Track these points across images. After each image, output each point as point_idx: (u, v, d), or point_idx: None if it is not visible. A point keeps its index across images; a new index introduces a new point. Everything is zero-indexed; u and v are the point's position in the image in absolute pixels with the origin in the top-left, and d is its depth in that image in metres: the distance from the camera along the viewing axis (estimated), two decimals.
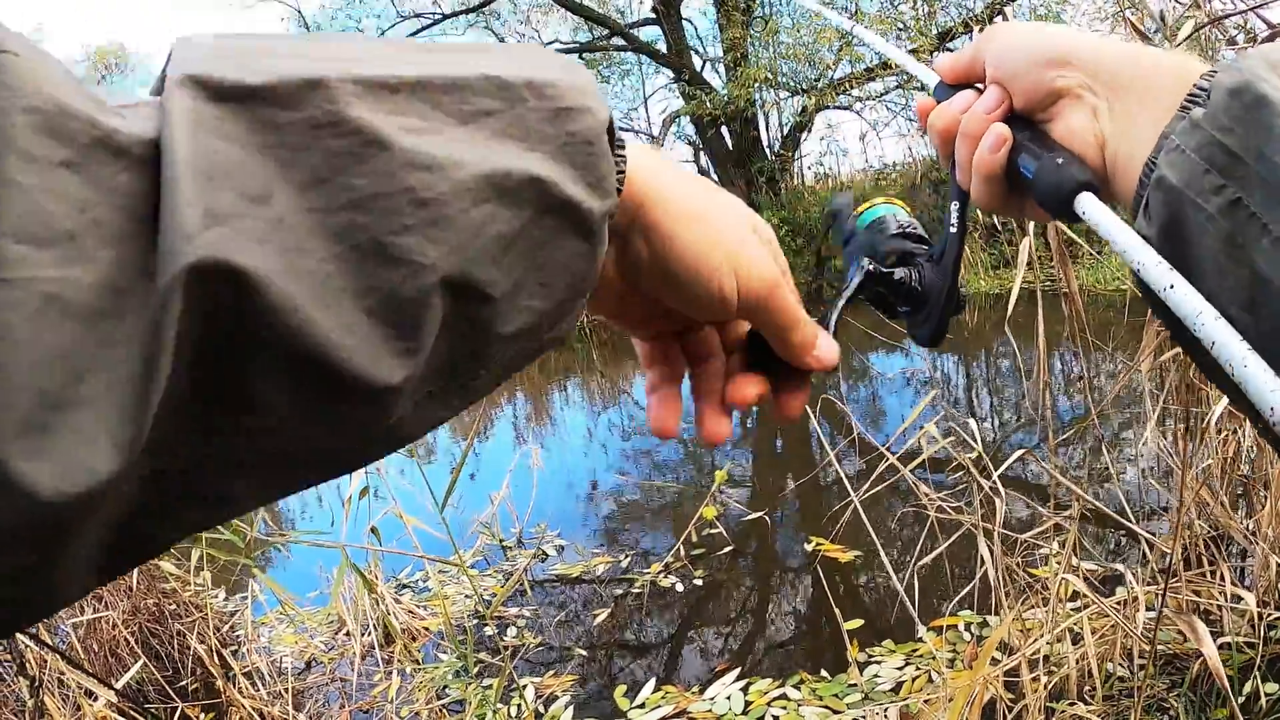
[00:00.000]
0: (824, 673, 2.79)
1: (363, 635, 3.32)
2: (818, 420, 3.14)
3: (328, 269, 0.29)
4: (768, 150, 13.46)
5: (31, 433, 0.23)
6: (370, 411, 0.31)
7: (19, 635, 2.23)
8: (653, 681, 2.89)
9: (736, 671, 2.88)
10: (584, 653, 3.20)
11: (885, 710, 2.45)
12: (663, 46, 13.62)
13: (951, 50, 0.63)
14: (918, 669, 2.70)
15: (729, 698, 2.75)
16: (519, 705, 2.83)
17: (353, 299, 0.29)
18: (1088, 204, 0.48)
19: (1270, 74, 0.41)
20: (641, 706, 2.78)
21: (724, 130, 13.19)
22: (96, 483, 0.24)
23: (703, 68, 13.96)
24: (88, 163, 0.25)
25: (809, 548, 3.67)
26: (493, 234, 0.32)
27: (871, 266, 0.59)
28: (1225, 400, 2.18)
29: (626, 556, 3.95)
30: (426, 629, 3.46)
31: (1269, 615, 2.32)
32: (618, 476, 5.27)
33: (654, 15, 13.63)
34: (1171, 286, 0.40)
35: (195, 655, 3.20)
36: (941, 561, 2.85)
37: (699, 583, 3.59)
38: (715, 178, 12.08)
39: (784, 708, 2.65)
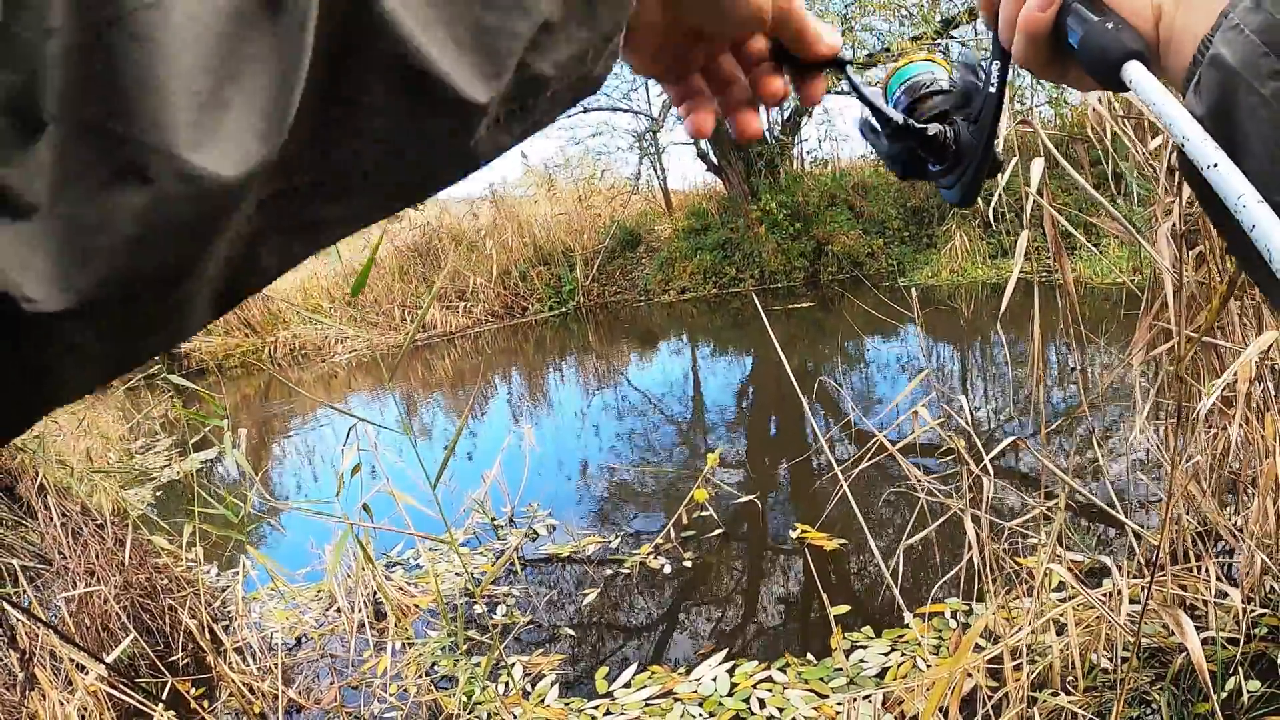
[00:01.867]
0: (810, 657, 2.81)
1: (353, 611, 3.34)
2: (810, 406, 3.13)
3: (422, 6, 0.34)
4: (768, 134, 13.40)
5: (192, 127, 0.27)
6: (458, 126, 0.36)
7: (10, 609, 2.24)
8: (634, 666, 2.91)
9: (723, 653, 2.90)
10: (572, 632, 3.22)
11: (869, 696, 2.47)
12: None
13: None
14: (903, 655, 2.72)
15: (715, 679, 2.77)
16: (507, 683, 2.85)
17: (446, 28, 0.34)
18: (1135, 73, 0.47)
19: None
20: (627, 686, 2.80)
21: None
22: (247, 169, 0.29)
23: None
24: None
25: (797, 533, 3.69)
26: None
27: (905, 120, 0.59)
28: (1215, 395, 2.18)
29: (617, 537, 3.97)
30: (417, 606, 3.48)
31: (1253, 612, 2.33)
32: (611, 457, 5.29)
33: None
34: (1215, 165, 0.40)
35: (186, 630, 3.22)
36: (930, 550, 2.87)
37: (688, 565, 3.60)
38: (714, 160, 12.06)
39: (770, 690, 2.67)
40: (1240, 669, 2.22)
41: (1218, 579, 2.42)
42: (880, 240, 10.76)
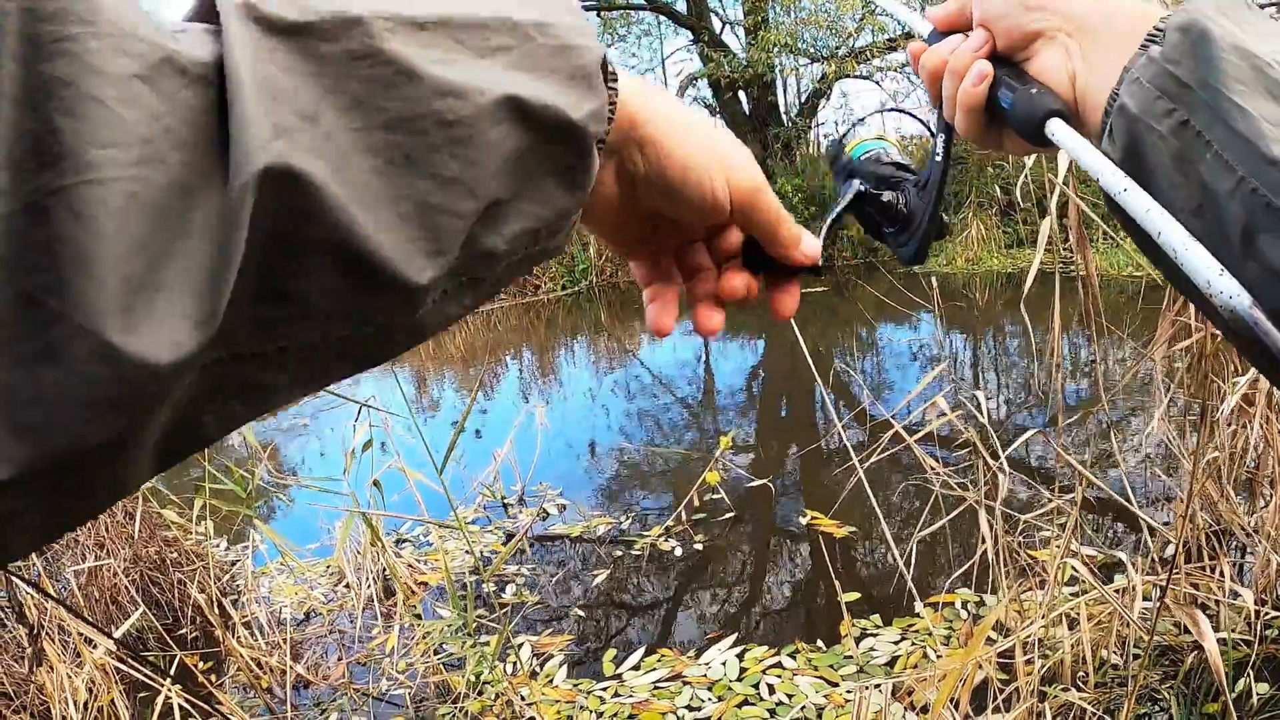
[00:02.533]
0: (820, 643, 2.81)
1: (362, 588, 3.34)
2: (825, 390, 3.12)
3: (368, 179, 0.33)
4: (785, 116, 13.31)
5: (123, 311, 0.27)
6: (401, 306, 0.36)
7: (19, 583, 2.24)
8: (641, 650, 2.91)
9: (733, 638, 2.90)
10: (581, 613, 3.22)
11: (879, 685, 2.47)
12: (682, 7, 13.42)
13: None
14: (914, 644, 2.71)
15: (724, 663, 2.76)
16: (515, 663, 2.85)
17: (389, 205, 0.34)
18: (1057, 128, 0.54)
19: (1216, 14, 0.48)
20: (636, 668, 2.80)
21: (741, 95, 13.03)
22: (180, 356, 0.28)
23: (722, 30, 13.74)
24: (157, 78, 0.29)
25: (807, 519, 3.68)
26: (507, 150, 0.37)
27: (863, 187, 0.66)
28: (1239, 393, 2.16)
29: (627, 518, 3.97)
30: (425, 584, 3.48)
31: (1266, 614, 2.31)
32: (621, 438, 5.28)
33: None
34: (1125, 190, 0.47)
35: (195, 604, 3.23)
36: (942, 539, 2.85)
37: (699, 547, 3.60)
38: None
39: (779, 676, 2.67)
40: (1250, 671, 2.21)
41: (1231, 579, 2.40)
42: None
